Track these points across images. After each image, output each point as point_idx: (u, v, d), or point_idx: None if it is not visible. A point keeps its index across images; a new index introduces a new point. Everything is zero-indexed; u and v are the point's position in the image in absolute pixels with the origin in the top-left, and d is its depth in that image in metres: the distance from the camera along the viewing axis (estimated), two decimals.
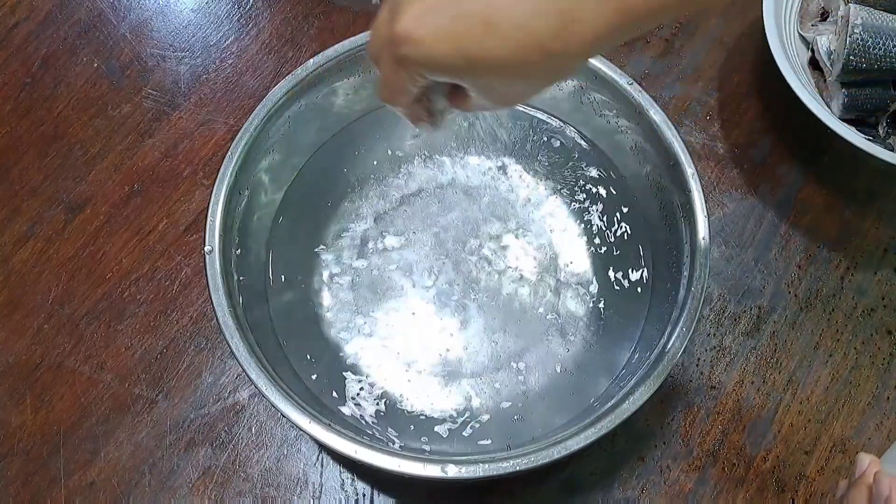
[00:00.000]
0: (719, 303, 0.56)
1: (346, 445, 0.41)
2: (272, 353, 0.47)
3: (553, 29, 0.26)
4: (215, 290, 0.45)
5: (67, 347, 0.54)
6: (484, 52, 0.27)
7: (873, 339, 0.55)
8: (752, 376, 0.53)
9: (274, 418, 0.52)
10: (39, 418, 0.52)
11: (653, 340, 0.46)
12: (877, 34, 0.55)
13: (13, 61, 0.65)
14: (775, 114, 0.62)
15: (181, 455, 0.51)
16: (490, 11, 0.26)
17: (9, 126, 0.62)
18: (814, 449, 0.52)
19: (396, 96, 0.32)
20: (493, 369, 0.50)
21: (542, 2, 0.26)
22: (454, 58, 0.27)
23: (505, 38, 0.27)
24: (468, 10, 0.27)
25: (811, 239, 0.58)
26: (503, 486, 0.50)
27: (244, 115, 0.53)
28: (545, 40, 0.27)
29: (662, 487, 0.50)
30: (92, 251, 0.58)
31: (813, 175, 0.60)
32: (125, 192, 0.60)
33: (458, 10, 0.27)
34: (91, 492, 0.50)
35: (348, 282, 0.52)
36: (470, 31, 0.27)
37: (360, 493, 0.50)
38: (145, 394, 0.53)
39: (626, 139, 0.52)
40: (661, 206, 0.51)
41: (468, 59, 0.27)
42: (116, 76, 0.64)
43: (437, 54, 0.28)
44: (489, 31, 0.27)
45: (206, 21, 0.67)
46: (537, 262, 0.53)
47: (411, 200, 0.55)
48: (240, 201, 0.49)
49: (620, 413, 0.41)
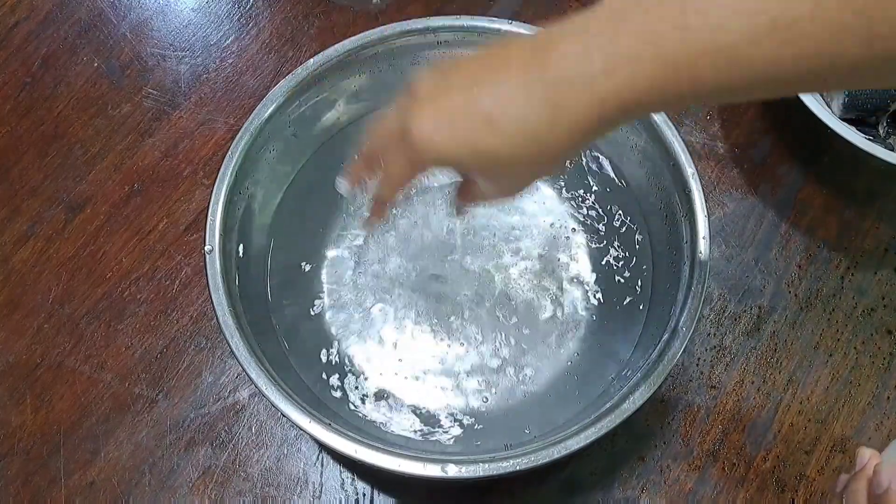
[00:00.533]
0: (719, 303, 0.56)
1: (346, 445, 0.41)
2: (272, 353, 0.47)
3: (545, 118, 0.29)
4: (215, 290, 0.45)
5: (67, 347, 0.54)
6: (487, 146, 0.31)
7: (873, 338, 0.55)
8: (752, 376, 0.53)
9: (274, 418, 0.52)
10: (39, 418, 0.52)
11: (653, 340, 0.46)
12: None
13: (13, 61, 0.65)
14: (775, 113, 0.62)
15: (181, 455, 0.51)
16: (491, 111, 0.30)
17: (9, 126, 0.62)
18: (814, 449, 0.52)
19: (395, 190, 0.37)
20: (493, 369, 0.50)
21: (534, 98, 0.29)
22: (463, 153, 0.31)
23: (504, 132, 0.30)
24: (473, 111, 0.31)
25: (811, 239, 0.58)
26: (503, 486, 0.50)
27: (244, 114, 0.52)
28: (539, 131, 0.30)
29: (662, 487, 0.50)
30: (92, 251, 0.58)
31: (813, 175, 0.60)
32: (125, 192, 0.60)
33: (465, 113, 0.31)
34: (91, 491, 0.50)
35: (348, 281, 0.52)
36: (475, 129, 0.30)
37: (360, 492, 0.50)
38: (145, 393, 0.53)
39: (626, 139, 0.52)
40: (661, 205, 0.51)
41: (475, 153, 0.31)
42: (116, 76, 0.64)
43: (449, 151, 0.31)
44: (491, 128, 0.30)
45: (206, 20, 0.66)
46: (537, 261, 0.53)
47: (412, 199, 0.55)
48: (240, 201, 0.49)
49: (620, 413, 0.41)
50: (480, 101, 0.30)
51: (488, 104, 0.30)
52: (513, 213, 0.54)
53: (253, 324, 0.46)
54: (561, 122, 0.29)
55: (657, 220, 0.52)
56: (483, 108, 0.30)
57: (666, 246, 0.50)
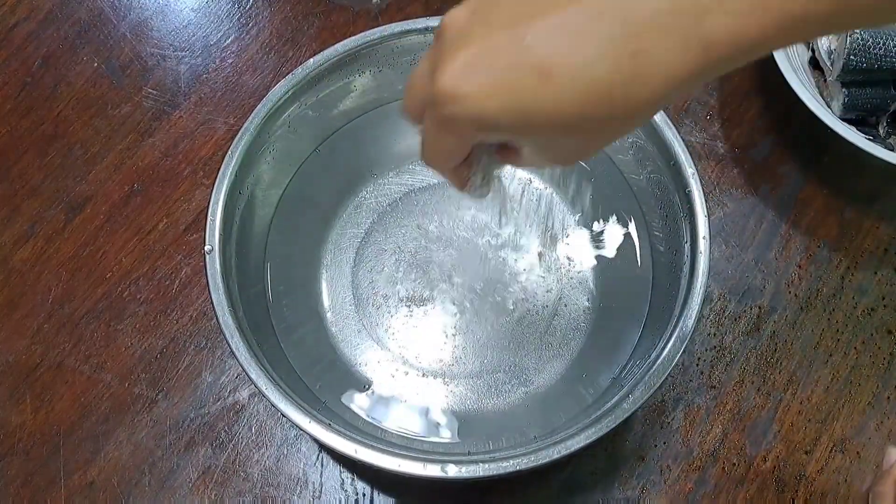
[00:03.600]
0: (719, 303, 0.56)
1: (346, 445, 0.41)
2: (272, 353, 0.47)
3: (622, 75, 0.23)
4: (215, 290, 0.45)
5: (67, 347, 0.54)
6: (540, 106, 0.23)
7: (874, 338, 0.55)
8: (753, 376, 0.53)
9: (274, 418, 0.52)
10: (39, 418, 0.52)
11: (653, 340, 0.46)
12: (877, 33, 0.55)
13: (13, 61, 0.65)
14: (776, 113, 0.62)
15: (181, 455, 0.51)
16: (545, 59, 0.23)
17: (9, 126, 0.62)
18: (814, 449, 0.52)
19: (442, 160, 0.29)
20: (493, 369, 0.50)
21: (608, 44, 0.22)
22: (507, 115, 0.24)
23: (564, 88, 0.23)
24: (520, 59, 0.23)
25: (811, 239, 0.58)
26: (503, 486, 0.50)
27: (244, 114, 0.52)
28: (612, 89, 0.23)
29: (662, 487, 0.50)
30: (92, 251, 0.58)
31: (813, 175, 0.60)
32: (125, 192, 0.60)
33: (509, 60, 0.23)
34: (91, 491, 0.50)
35: (348, 281, 0.52)
36: (523, 84, 0.23)
37: (360, 492, 0.50)
38: (145, 393, 0.53)
39: (626, 139, 0.52)
40: (661, 205, 0.51)
41: (523, 115, 0.24)
42: (116, 76, 0.64)
43: (488, 112, 0.24)
44: (545, 82, 0.23)
45: (206, 20, 0.66)
46: (536, 262, 0.53)
47: (413, 199, 0.55)
48: (240, 201, 0.49)
49: (620, 413, 0.41)
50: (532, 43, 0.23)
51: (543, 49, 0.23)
52: (512, 213, 0.54)
53: (253, 324, 0.46)
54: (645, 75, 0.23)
55: (657, 221, 0.52)
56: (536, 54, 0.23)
57: (666, 246, 0.50)
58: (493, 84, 0.24)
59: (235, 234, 0.48)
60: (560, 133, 0.25)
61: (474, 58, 0.24)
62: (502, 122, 0.24)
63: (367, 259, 0.53)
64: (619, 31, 0.22)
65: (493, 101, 0.24)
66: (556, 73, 0.23)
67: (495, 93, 0.24)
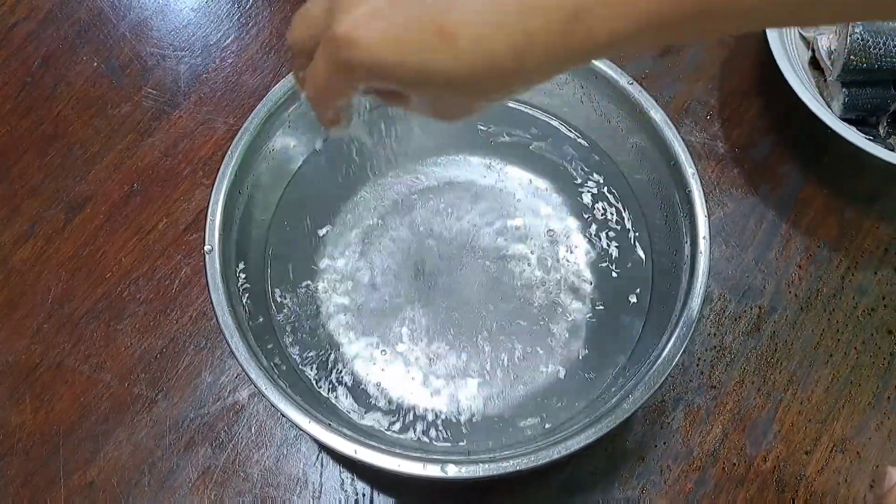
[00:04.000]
0: (719, 303, 0.56)
1: (346, 445, 0.41)
2: (272, 353, 0.47)
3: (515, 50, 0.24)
4: (215, 290, 0.45)
5: (67, 347, 0.54)
6: (438, 65, 0.25)
7: (874, 338, 0.55)
8: (753, 376, 0.53)
9: (274, 418, 0.52)
10: (39, 418, 0.52)
11: (653, 340, 0.46)
12: (877, 33, 0.55)
13: (13, 61, 0.65)
14: (776, 113, 0.62)
15: (181, 455, 0.51)
16: (448, 20, 0.24)
17: (9, 125, 0.62)
18: (814, 449, 0.52)
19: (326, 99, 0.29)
20: (494, 369, 0.50)
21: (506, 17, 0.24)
22: (403, 69, 0.25)
23: (463, 52, 0.24)
24: (423, 15, 0.24)
25: (811, 239, 0.58)
26: (503, 486, 0.50)
27: (244, 114, 0.52)
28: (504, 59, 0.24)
29: (663, 487, 0.50)
30: (92, 250, 0.58)
31: (813, 175, 0.60)
32: (125, 192, 0.60)
33: (411, 15, 0.24)
34: (91, 491, 0.50)
35: (348, 281, 0.52)
36: (424, 40, 0.24)
37: (359, 492, 0.50)
38: (145, 393, 0.53)
39: (626, 139, 0.52)
40: (661, 205, 0.51)
41: (419, 71, 0.25)
42: (116, 75, 0.64)
43: (385, 63, 0.25)
44: (447, 43, 0.24)
45: (205, 20, 0.66)
46: (536, 261, 0.53)
47: (413, 199, 0.55)
48: (240, 201, 0.49)
49: (620, 413, 0.41)
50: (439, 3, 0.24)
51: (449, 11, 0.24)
52: (512, 213, 0.54)
53: (253, 324, 0.46)
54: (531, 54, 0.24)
55: (657, 220, 0.52)
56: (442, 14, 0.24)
57: (666, 246, 0.50)
58: (395, 36, 0.25)
59: (235, 234, 0.49)
60: (450, 91, 0.26)
61: (378, 8, 0.25)
62: (398, 75, 0.25)
63: (367, 259, 0.53)
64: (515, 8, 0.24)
65: (391, 53, 0.25)
66: (459, 36, 0.24)
67: (395, 45, 0.25)
